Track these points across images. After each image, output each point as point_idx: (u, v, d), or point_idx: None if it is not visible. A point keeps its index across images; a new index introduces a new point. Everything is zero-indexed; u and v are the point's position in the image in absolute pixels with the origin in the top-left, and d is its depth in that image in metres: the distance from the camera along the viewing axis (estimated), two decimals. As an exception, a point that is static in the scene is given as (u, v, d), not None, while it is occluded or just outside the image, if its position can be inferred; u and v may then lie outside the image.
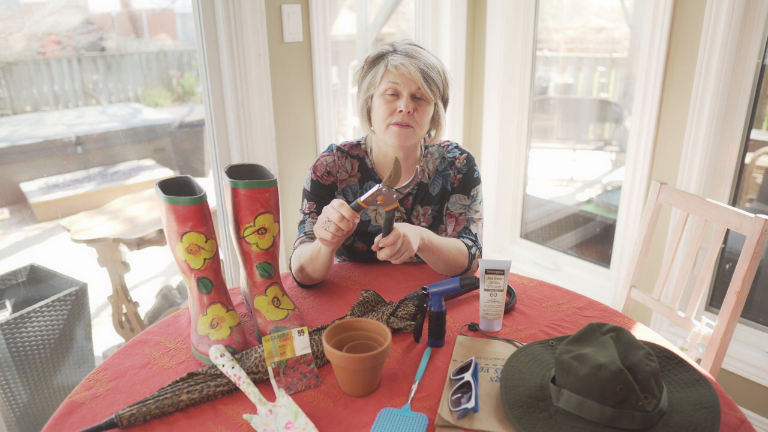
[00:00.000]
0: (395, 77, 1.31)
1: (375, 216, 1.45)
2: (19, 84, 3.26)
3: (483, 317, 1.15)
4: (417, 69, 1.30)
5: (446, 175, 1.45)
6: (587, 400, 0.84)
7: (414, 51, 1.34)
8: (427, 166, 1.46)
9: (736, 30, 1.72)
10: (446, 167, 1.45)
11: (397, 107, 1.32)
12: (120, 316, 2.61)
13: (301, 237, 1.39)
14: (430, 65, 1.33)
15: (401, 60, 1.30)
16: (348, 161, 1.44)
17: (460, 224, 1.43)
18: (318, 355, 1.04)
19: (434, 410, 0.92)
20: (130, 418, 0.88)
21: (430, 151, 1.47)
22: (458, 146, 1.48)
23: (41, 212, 3.19)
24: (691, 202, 1.50)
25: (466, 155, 1.46)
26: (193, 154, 4.05)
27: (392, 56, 1.33)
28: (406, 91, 1.31)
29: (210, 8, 1.77)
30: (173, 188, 1.12)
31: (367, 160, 1.45)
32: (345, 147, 1.45)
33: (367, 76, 1.37)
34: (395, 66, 1.30)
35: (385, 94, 1.32)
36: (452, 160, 1.45)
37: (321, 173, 1.41)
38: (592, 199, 2.82)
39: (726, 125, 1.84)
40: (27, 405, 1.93)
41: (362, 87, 1.39)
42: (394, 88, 1.31)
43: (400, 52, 1.33)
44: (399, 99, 1.32)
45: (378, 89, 1.34)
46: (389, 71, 1.31)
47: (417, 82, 1.30)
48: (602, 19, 2.55)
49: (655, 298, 1.58)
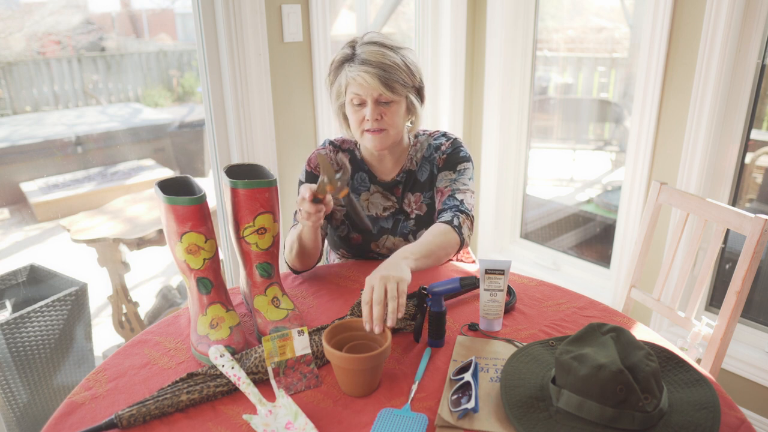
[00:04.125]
0: (356, 87, 1.30)
1: (367, 205, 1.47)
2: (19, 84, 3.26)
3: (483, 317, 1.15)
4: (374, 77, 1.27)
5: (432, 159, 1.46)
6: (587, 400, 0.84)
7: (372, 54, 1.29)
8: (416, 154, 1.48)
9: (736, 30, 1.72)
10: (432, 152, 1.47)
11: (364, 115, 1.32)
12: (120, 316, 2.61)
13: (295, 224, 1.42)
14: (389, 66, 1.29)
15: (357, 70, 1.28)
16: (340, 155, 1.47)
17: (444, 194, 1.41)
18: (318, 355, 1.04)
19: (434, 410, 0.92)
20: (129, 419, 0.87)
21: (419, 140, 1.49)
22: (445, 134, 1.49)
23: (41, 212, 3.19)
24: (691, 202, 1.50)
25: (452, 140, 1.46)
26: (193, 154, 4.05)
27: (349, 66, 1.31)
28: (370, 98, 1.30)
29: (210, 8, 1.77)
30: (173, 188, 1.11)
31: (357, 152, 1.48)
32: (337, 141, 1.50)
33: (335, 84, 1.37)
34: (353, 77, 1.29)
35: (352, 102, 1.33)
36: (438, 146, 1.47)
37: (314, 165, 1.46)
38: (592, 199, 2.82)
39: (726, 125, 1.84)
40: (27, 405, 1.93)
41: (332, 94, 1.40)
42: (358, 97, 1.31)
43: (358, 57, 1.30)
44: (365, 107, 1.32)
45: (346, 98, 1.35)
46: (350, 82, 1.31)
47: (376, 89, 1.28)
48: (602, 19, 2.55)
49: (655, 298, 1.58)
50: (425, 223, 1.46)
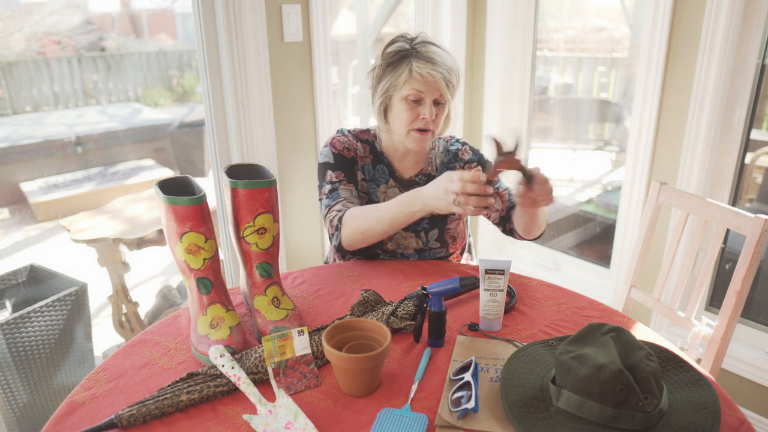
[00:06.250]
0: (420, 85, 1.30)
1: (384, 198, 1.47)
2: (19, 84, 3.26)
3: (483, 317, 1.15)
4: (441, 77, 1.30)
5: (452, 168, 1.50)
6: (587, 400, 0.84)
7: (434, 54, 1.32)
8: (435, 159, 1.51)
9: (736, 30, 1.72)
10: (451, 159, 1.51)
11: (419, 114, 1.33)
12: (120, 316, 2.61)
13: (339, 202, 1.38)
14: (450, 69, 1.33)
15: (427, 68, 1.29)
16: (360, 144, 1.48)
17: (503, 195, 1.48)
18: (318, 355, 1.04)
19: (434, 410, 0.92)
20: (129, 419, 0.87)
21: (437, 144, 1.53)
22: (458, 140, 1.55)
23: (41, 212, 3.19)
24: (691, 202, 1.50)
25: (467, 146, 1.53)
26: (193, 154, 4.05)
27: (416, 62, 1.31)
28: (430, 98, 1.32)
29: (210, 8, 1.77)
30: (173, 188, 1.11)
31: (377, 144, 1.48)
32: (355, 132, 1.49)
33: (387, 75, 1.35)
34: (420, 74, 1.29)
35: (408, 99, 1.32)
36: (456, 153, 1.51)
37: (341, 148, 1.44)
38: (592, 199, 2.82)
39: (726, 125, 1.84)
40: (27, 405, 1.93)
41: (381, 87, 1.37)
42: (417, 94, 1.31)
43: (422, 55, 1.31)
44: (422, 105, 1.33)
45: (399, 92, 1.33)
46: (413, 78, 1.30)
47: (440, 89, 1.31)
48: (602, 19, 2.55)
49: (655, 298, 1.58)
50: (439, 223, 1.48)
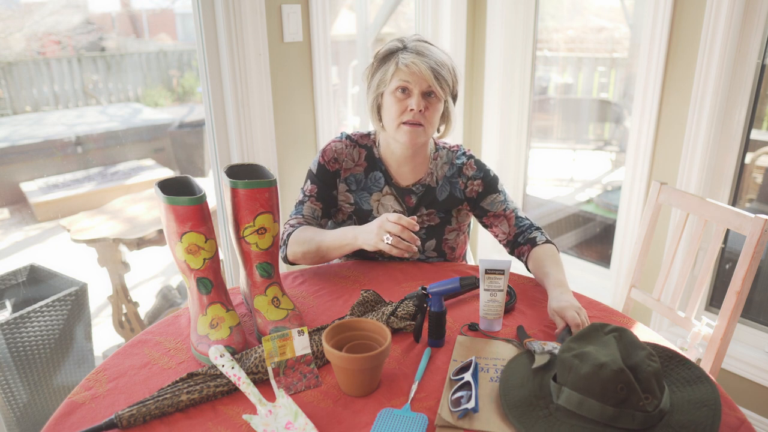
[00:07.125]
0: (406, 75, 1.31)
1: (377, 206, 1.46)
2: (19, 84, 3.26)
3: (483, 317, 1.15)
4: (428, 67, 1.30)
5: (454, 183, 1.46)
6: (588, 398, 0.84)
7: (424, 48, 1.33)
8: (436, 170, 1.47)
9: (736, 30, 1.72)
10: (454, 174, 1.47)
11: (408, 106, 1.33)
12: (120, 316, 2.61)
13: (297, 218, 1.42)
14: (441, 62, 1.33)
15: (412, 58, 1.30)
16: (356, 150, 1.47)
17: (510, 218, 1.46)
18: (318, 355, 1.04)
19: (434, 410, 0.92)
20: (129, 419, 0.87)
21: (440, 154, 1.48)
22: (465, 152, 1.49)
23: (41, 212, 3.19)
24: (691, 202, 1.50)
25: (473, 160, 1.48)
26: (193, 154, 4.05)
27: (402, 54, 1.33)
28: (417, 89, 1.31)
29: (210, 8, 1.77)
30: (173, 188, 1.11)
31: (375, 150, 1.47)
32: (355, 136, 1.48)
33: (377, 73, 1.37)
34: (406, 64, 1.30)
35: (396, 92, 1.33)
36: (460, 167, 1.47)
37: (328, 158, 1.44)
38: (592, 199, 2.82)
39: (726, 125, 1.84)
40: (27, 405, 1.93)
41: (372, 84, 1.39)
42: (404, 86, 1.32)
43: (411, 49, 1.33)
44: (410, 97, 1.33)
45: (388, 87, 1.34)
46: (400, 69, 1.31)
47: (428, 80, 1.31)
48: (602, 19, 2.55)
49: (655, 298, 1.58)
50: (436, 233, 1.46)
